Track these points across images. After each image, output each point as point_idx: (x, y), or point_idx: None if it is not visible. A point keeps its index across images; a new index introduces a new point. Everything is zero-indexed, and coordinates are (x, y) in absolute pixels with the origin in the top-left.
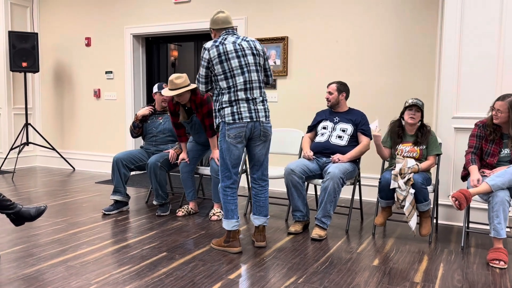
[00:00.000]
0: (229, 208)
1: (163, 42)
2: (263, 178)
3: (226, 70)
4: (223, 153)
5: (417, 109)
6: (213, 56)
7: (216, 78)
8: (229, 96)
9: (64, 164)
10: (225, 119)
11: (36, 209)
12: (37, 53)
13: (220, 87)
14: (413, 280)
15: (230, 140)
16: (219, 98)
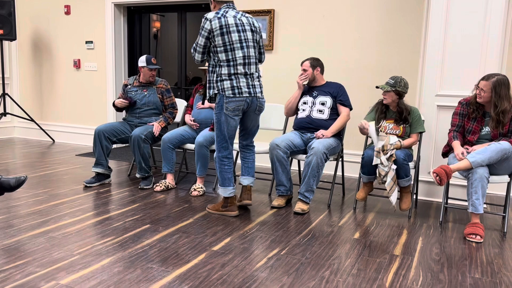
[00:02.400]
0: (226, 177)
1: (145, 12)
2: (251, 144)
3: (226, 43)
4: (221, 125)
5: (386, 91)
6: (214, 28)
7: (216, 49)
8: (228, 69)
9: (43, 136)
10: (225, 92)
11: (16, 179)
12: (14, 20)
13: (218, 59)
14: (393, 253)
15: (228, 113)
16: (216, 70)
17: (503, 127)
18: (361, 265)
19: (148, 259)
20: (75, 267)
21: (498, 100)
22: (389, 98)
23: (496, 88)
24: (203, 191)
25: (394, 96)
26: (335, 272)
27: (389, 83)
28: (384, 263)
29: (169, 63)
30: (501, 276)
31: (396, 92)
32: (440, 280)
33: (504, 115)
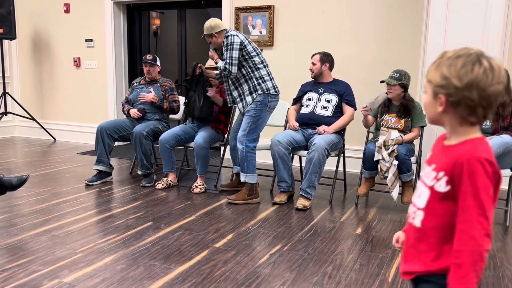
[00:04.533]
0: (253, 165)
1: (145, 10)
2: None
3: (255, 48)
4: (258, 120)
5: (391, 85)
6: (242, 39)
7: (250, 55)
8: (265, 70)
9: (45, 135)
10: (270, 91)
11: (18, 178)
12: (13, 19)
13: (254, 64)
14: (395, 248)
15: (270, 110)
16: (253, 75)
17: (503, 120)
18: (363, 260)
19: (151, 257)
20: (78, 265)
21: None
22: (394, 92)
23: None
24: (205, 188)
25: (399, 89)
26: (338, 268)
27: (394, 76)
28: (387, 258)
29: (169, 60)
30: (503, 270)
31: (402, 85)
32: None
33: (504, 108)
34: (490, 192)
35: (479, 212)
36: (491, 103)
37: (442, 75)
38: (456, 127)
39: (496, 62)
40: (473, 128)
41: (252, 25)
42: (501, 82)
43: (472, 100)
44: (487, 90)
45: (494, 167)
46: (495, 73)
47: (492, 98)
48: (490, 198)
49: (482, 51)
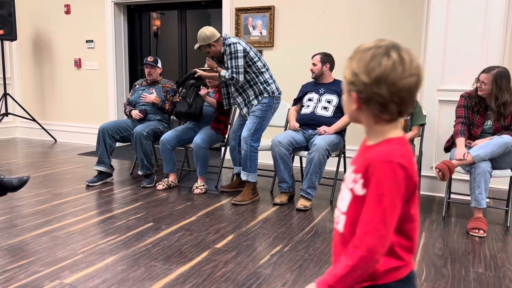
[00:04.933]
0: (256, 164)
1: (145, 10)
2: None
3: (256, 53)
4: (263, 121)
5: None
6: (245, 46)
7: (253, 61)
8: (268, 73)
9: (45, 136)
10: (274, 94)
11: (19, 179)
12: (14, 20)
13: (257, 68)
14: None
15: (273, 112)
16: (258, 80)
17: (504, 120)
18: None
19: (152, 257)
20: (79, 266)
21: (499, 92)
22: None
23: (497, 80)
24: (205, 189)
25: None
26: None
27: None
28: None
29: (169, 61)
30: (504, 270)
31: None
32: (444, 275)
33: (505, 107)
34: (396, 199)
35: (380, 219)
36: (404, 98)
37: (352, 71)
38: (372, 126)
39: (409, 54)
40: (390, 125)
41: (253, 25)
42: (414, 75)
43: (382, 96)
44: (397, 84)
45: (407, 172)
46: (405, 66)
47: (405, 92)
48: (394, 206)
49: (394, 43)
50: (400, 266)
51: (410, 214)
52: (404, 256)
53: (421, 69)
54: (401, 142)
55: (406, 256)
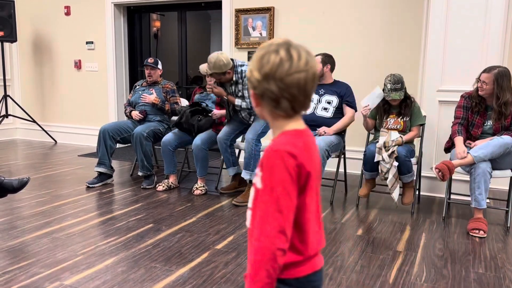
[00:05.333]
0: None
1: (145, 12)
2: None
3: None
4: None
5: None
6: None
7: None
8: None
9: (45, 137)
10: None
11: (19, 180)
12: (14, 22)
13: None
14: (396, 249)
15: None
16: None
17: (505, 119)
18: (364, 262)
19: (152, 259)
20: (79, 267)
21: (500, 92)
22: (399, 100)
23: (498, 79)
24: (206, 190)
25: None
26: (339, 269)
27: (397, 88)
28: (388, 260)
29: (170, 62)
30: (505, 271)
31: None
32: (444, 276)
33: (506, 107)
34: (288, 187)
35: (275, 207)
36: (294, 94)
37: (249, 69)
38: (272, 121)
39: (298, 51)
40: (288, 121)
41: (252, 26)
42: (302, 71)
43: (273, 92)
44: (284, 80)
45: (297, 159)
46: (293, 62)
47: (294, 89)
48: (288, 193)
49: (288, 41)
50: (298, 261)
51: (305, 204)
52: (303, 250)
53: (312, 66)
54: (296, 133)
55: (305, 251)
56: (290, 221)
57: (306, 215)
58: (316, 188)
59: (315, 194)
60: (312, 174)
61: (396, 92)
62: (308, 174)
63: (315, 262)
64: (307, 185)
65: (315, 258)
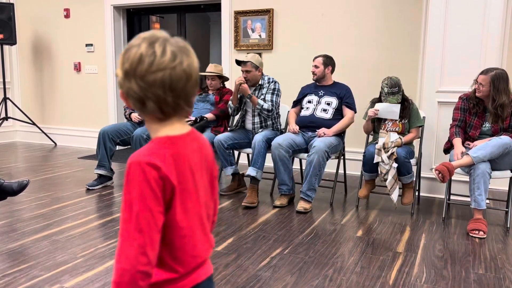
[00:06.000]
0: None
1: (144, 14)
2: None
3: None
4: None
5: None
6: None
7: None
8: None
9: (45, 140)
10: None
11: (19, 183)
12: (14, 24)
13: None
14: (396, 250)
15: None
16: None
17: (502, 122)
18: (364, 263)
19: None
20: (79, 270)
21: (496, 94)
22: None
23: (494, 82)
24: None
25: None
26: (339, 270)
27: (394, 92)
28: (388, 261)
29: None
30: (505, 272)
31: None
32: (444, 277)
33: (503, 109)
34: (149, 202)
35: (134, 226)
36: (158, 94)
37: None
38: (148, 125)
39: (166, 46)
40: (164, 125)
41: (252, 28)
42: (167, 68)
43: (135, 91)
44: (145, 78)
45: (160, 171)
46: (155, 59)
47: (158, 89)
48: (149, 210)
49: (157, 34)
50: (173, 278)
51: (175, 221)
52: (177, 267)
53: (181, 63)
54: (166, 141)
55: (179, 268)
56: (154, 241)
57: (177, 232)
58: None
59: (196, 202)
60: (178, 187)
61: (393, 96)
62: (173, 187)
63: (196, 275)
64: (175, 199)
65: (197, 271)
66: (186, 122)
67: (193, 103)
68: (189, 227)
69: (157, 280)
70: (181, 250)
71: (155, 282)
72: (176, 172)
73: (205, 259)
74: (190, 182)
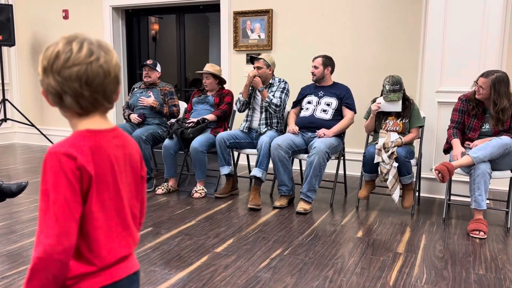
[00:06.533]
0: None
1: (143, 15)
2: None
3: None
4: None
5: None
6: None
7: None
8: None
9: (44, 141)
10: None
11: (18, 185)
12: (13, 26)
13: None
14: (396, 251)
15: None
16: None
17: (503, 125)
18: (364, 264)
19: (151, 262)
20: None
21: (497, 98)
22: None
23: (495, 85)
24: (205, 193)
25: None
26: (339, 272)
27: (395, 89)
28: (388, 261)
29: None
30: (505, 272)
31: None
32: (444, 277)
33: (504, 113)
34: (66, 192)
35: (51, 215)
36: (75, 89)
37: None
38: (69, 121)
39: (83, 43)
40: (83, 119)
41: (251, 29)
42: (83, 64)
43: (53, 87)
44: (61, 73)
45: (76, 162)
46: (72, 54)
47: (75, 83)
48: (65, 199)
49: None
50: (90, 272)
51: (91, 212)
52: (94, 260)
53: (97, 59)
54: (86, 134)
55: (96, 261)
56: (70, 230)
57: (94, 223)
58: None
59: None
60: (95, 178)
61: (394, 93)
62: (90, 178)
63: (115, 271)
64: (92, 190)
65: (116, 267)
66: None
67: (114, 100)
68: (105, 219)
69: (74, 273)
70: (97, 242)
71: (73, 276)
72: (94, 164)
73: (126, 256)
74: (109, 175)
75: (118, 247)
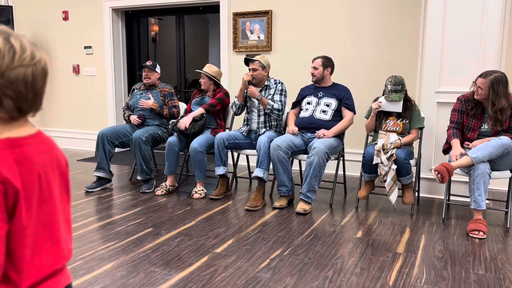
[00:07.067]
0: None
1: (143, 16)
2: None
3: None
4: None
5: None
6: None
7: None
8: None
9: None
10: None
11: None
12: (13, 27)
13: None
14: (396, 251)
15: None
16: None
17: (501, 125)
18: (364, 264)
19: (151, 263)
20: (78, 272)
21: (496, 98)
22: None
23: (493, 86)
24: (205, 194)
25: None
26: (338, 272)
27: (397, 90)
28: (387, 262)
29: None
30: (505, 272)
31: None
32: (444, 277)
33: (502, 113)
34: None
35: None
36: (21, 92)
37: None
38: None
39: (21, 42)
40: (9, 125)
41: (250, 30)
42: (29, 65)
43: None
44: (6, 74)
45: (1, 175)
46: (16, 54)
47: (20, 85)
48: None
49: (7, 29)
50: None
51: (20, 229)
52: (16, 279)
53: (40, 61)
54: (8, 143)
55: (18, 280)
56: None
57: (20, 241)
58: (53, 198)
59: (45, 208)
60: (22, 193)
61: (396, 93)
62: (17, 193)
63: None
64: (20, 204)
65: (44, 283)
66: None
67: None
68: (34, 235)
69: None
70: (24, 261)
71: None
72: (20, 176)
73: (55, 271)
74: (37, 187)
75: (46, 264)
